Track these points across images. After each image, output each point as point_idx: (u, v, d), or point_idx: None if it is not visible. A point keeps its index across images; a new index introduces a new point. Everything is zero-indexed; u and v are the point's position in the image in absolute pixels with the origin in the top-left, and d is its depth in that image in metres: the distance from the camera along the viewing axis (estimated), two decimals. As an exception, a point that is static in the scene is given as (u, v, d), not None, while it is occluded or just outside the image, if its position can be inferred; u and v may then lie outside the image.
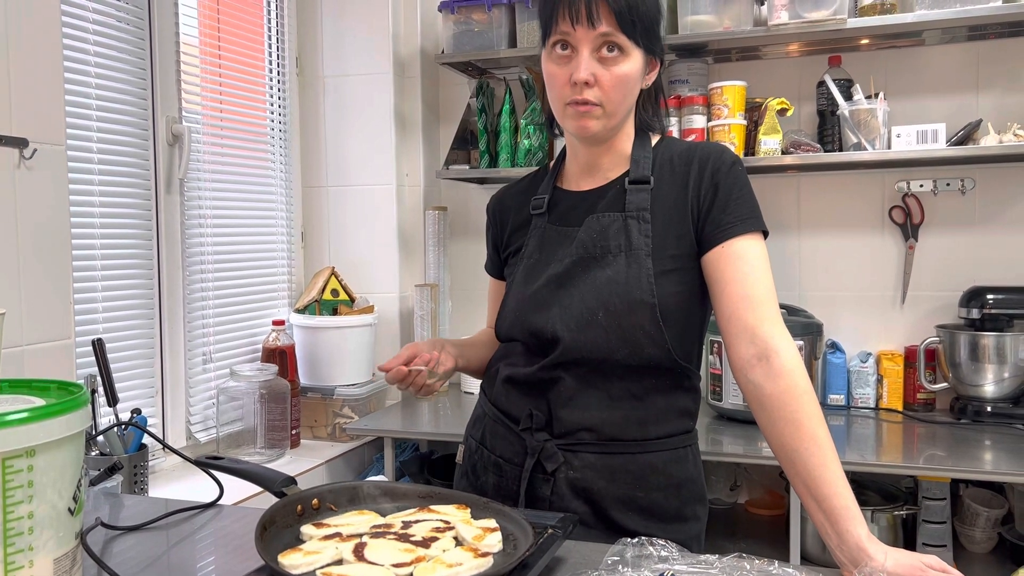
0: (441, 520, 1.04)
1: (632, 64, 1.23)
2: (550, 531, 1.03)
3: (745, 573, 1.04)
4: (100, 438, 1.67)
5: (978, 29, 2.26)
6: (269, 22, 2.64)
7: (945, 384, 2.33)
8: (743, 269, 1.21)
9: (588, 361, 1.25)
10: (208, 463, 1.21)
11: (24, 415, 0.90)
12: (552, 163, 1.43)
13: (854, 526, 1.05)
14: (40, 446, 0.91)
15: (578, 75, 1.20)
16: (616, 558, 1.05)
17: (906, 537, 2.14)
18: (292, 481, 1.12)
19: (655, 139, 1.34)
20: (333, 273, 2.63)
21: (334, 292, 2.61)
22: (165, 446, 1.40)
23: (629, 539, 1.08)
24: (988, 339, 2.21)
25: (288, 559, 0.91)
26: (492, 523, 1.03)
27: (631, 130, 1.33)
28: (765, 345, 1.16)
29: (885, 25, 2.18)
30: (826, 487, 1.08)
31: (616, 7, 1.19)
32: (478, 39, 2.53)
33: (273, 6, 2.65)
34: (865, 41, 2.36)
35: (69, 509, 0.97)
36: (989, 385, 2.22)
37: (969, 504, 2.14)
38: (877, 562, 1.00)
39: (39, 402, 0.99)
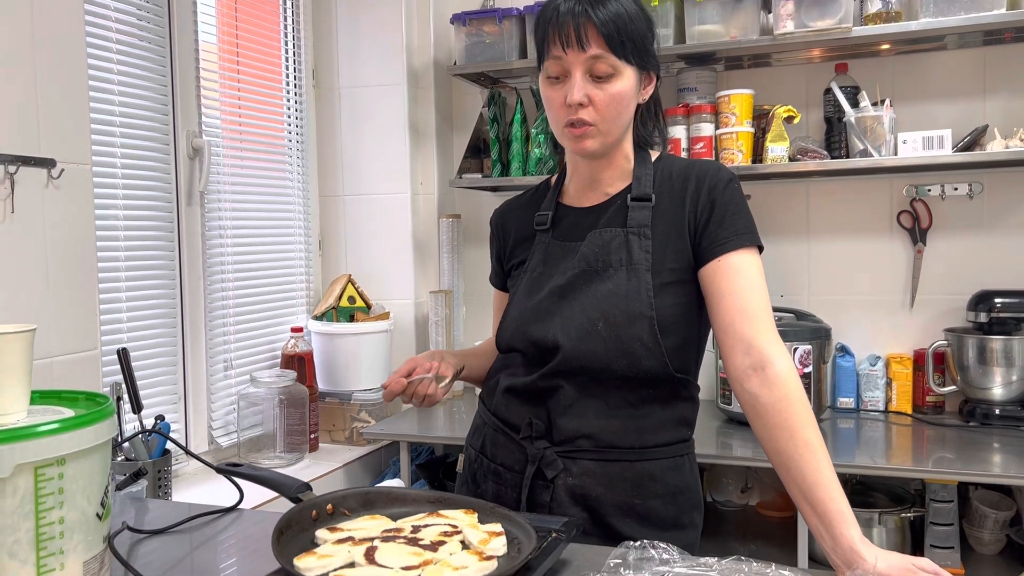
0: (449, 524, 1.09)
1: (625, 82, 1.27)
2: (554, 535, 1.07)
3: (743, 575, 1.08)
4: (126, 444, 1.74)
5: (993, 33, 2.28)
6: (286, 35, 2.70)
7: (954, 387, 2.35)
8: (739, 282, 1.25)
9: (587, 370, 1.29)
10: (228, 470, 1.26)
11: (55, 426, 0.95)
12: (555, 179, 1.48)
13: (847, 529, 1.09)
14: (70, 455, 0.97)
15: (572, 97, 1.25)
16: (618, 561, 1.09)
17: (914, 539, 2.17)
18: (308, 487, 1.17)
19: (654, 155, 1.38)
20: (350, 280, 2.69)
21: (351, 299, 2.67)
22: (187, 452, 1.46)
23: (631, 542, 1.12)
24: (996, 342, 2.23)
25: (303, 562, 0.96)
26: (498, 527, 1.07)
27: (630, 145, 1.37)
28: (761, 356, 1.20)
29: (891, 33, 2.21)
30: (820, 491, 1.12)
31: (605, 30, 1.23)
32: (490, 50, 2.58)
33: (290, 20, 2.71)
34: (886, 46, 2.37)
35: (97, 514, 1.02)
36: (997, 388, 2.24)
37: (977, 506, 2.16)
38: (868, 564, 1.04)
39: (68, 413, 1.05)
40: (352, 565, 0.97)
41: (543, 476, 1.31)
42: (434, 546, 1.01)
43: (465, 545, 1.03)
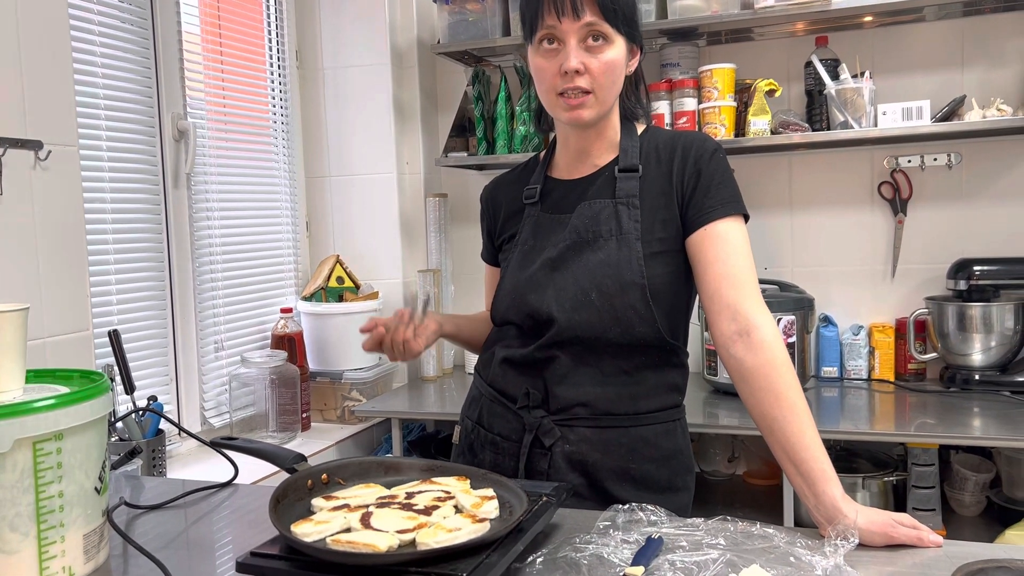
0: (442, 490, 1.11)
1: (617, 51, 1.29)
2: (544, 499, 1.10)
3: (728, 534, 1.12)
4: (119, 424, 1.75)
5: (972, 4, 2.30)
6: (268, 16, 2.69)
7: (935, 354, 2.39)
8: (725, 249, 1.27)
9: (582, 340, 1.32)
10: (223, 443, 1.28)
11: (51, 402, 0.97)
12: (543, 154, 1.49)
13: (830, 487, 1.12)
14: (67, 430, 0.99)
15: (568, 64, 1.26)
16: (608, 523, 1.12)
17: (897, 502, 2.21)
18: (302, 458, 1.19)
19: (640, 128, 1.40)
20: (338, 261, 2.70)
21: (339, 279, 2.68)
22: (181, 429, 1.48)
23: (620, 505, 1.16)
24: (975, 309, 2.27)
25: (300, 528, 0.98)
26: (490, 492, 1.10)
27: (618, 117, 1.39)
28: (746, 321, 1.23)
29: (870, 5, 2.23)
30: (804, 451, 1.15)
31: None
32: (473, 28, 2.58)
33: (272, 0, 2.70)
34: (866, 19, 2.38)
35: (96, 488, 1.04)
36: (977, 354, 2.28)
37: (958, 469, 2.21)
38: (850, 520, 1.07)
39: (64, 390, 1.06)
40: (348, 530, 0.99)
41: (541, 444, 1.34)
42: (428, 510, 1.03)
43: (458, 509, 1.05)
